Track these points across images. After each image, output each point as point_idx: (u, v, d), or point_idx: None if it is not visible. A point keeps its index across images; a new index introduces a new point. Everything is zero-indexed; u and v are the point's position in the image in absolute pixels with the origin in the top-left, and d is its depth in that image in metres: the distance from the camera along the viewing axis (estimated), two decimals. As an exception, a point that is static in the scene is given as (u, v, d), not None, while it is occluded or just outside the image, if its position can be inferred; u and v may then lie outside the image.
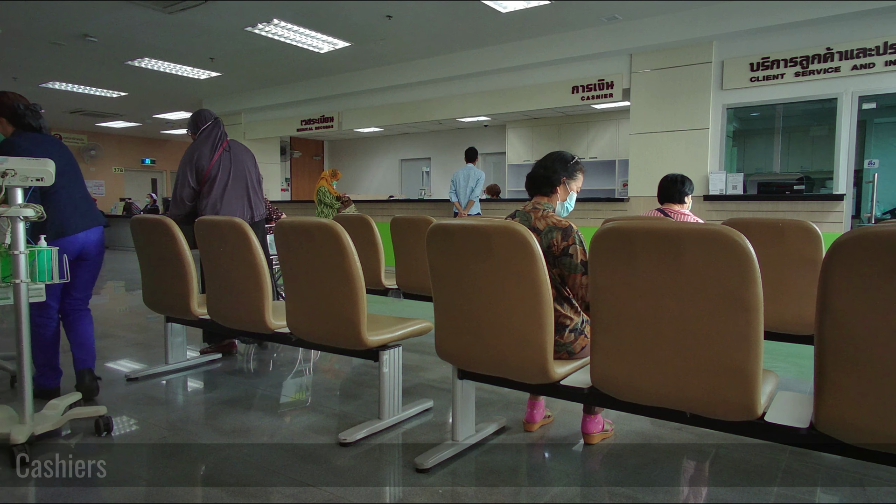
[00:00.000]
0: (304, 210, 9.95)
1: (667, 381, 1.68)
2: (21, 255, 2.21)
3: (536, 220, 2.17)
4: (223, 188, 3.68)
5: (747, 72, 5.76)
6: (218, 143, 3.72)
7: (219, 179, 3.67)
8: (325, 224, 2.36)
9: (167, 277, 3.13)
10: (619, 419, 2.61)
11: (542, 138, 10.83)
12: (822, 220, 5.35)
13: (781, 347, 3.02)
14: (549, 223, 2.14)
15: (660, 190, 3.28)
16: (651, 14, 6.06)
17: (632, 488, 2.00)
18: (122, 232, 12.82)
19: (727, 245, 1.51)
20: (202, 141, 3.68)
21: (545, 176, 2.27)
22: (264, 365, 3.71)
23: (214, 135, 3.73)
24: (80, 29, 6.61)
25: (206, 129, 3.71)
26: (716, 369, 1.59)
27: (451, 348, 2.19)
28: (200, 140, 3.68)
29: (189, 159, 3.62)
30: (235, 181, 3.72)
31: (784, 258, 2.65)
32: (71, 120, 12.78)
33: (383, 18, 6.24)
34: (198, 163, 3.62)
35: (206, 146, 3.68)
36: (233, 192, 3.72)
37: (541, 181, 2.28)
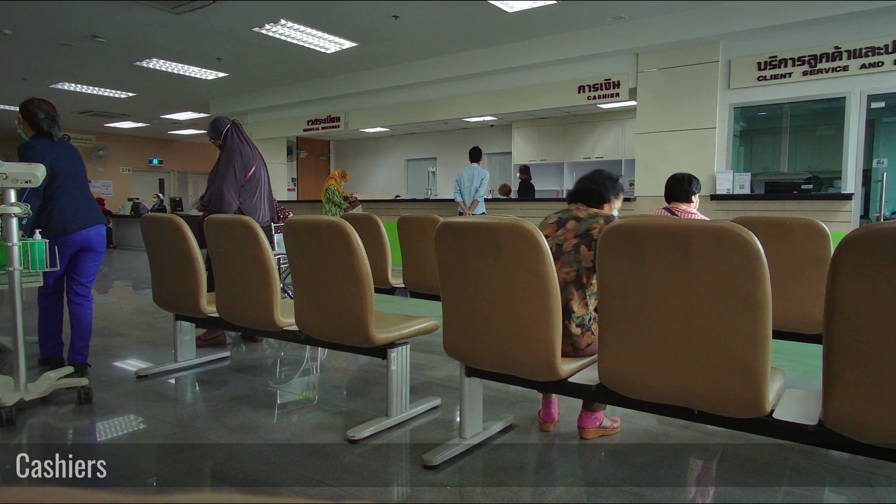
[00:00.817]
0: (310, 210, 9.98)
1: (675, 378, 1.69)
2: (14, 247, 2.57)
3: (578, 211, 2.29)
4: (261, 189, 3.80)
5: (754, 71, 5.74)
6: (253, 146, 3.85)
7: (260, 180, 3.80)
8: (333, 222, 2.37)
9: (177, 276, 3.16)
10: (625, 417, 2.61)
11: (547, 138, 10.82)
12: (830, 219, 5.32)
13: (788, 346, 3.01)
14: (591, 213, 2.26)
15: (667, 189, 3.28)
16: (657, 13, 6.05)
17: (639, 486, 2.01)
18: (130, 231, 12.92)
19: (736, 242, 1.51)
20: (239, 142, 3.77)
21: (598, 192, 2.36)
22: (272, 363, 3.74)
23: (246, 136, 3.85)
24: (89, 30, 6.66)
25: (231, 130, 3.80)
26: (724, 366, 1.59)
27: (458, 345, 2.20)
28: (235, 141, 3.77)
29: (237, 159, 3.69)
30: (264, 184, 3.89)
31: (791, 257, 2.64)
32: (80, 120, 12.87)
33: (390, 18, 6.26)
34: (245, 162, 3.70)
35: (246, 146, 3.79)
36: (267, 193, 3.90)
37: (589, 194, 2.36)
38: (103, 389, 3.09)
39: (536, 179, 11.32)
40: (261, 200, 3.85)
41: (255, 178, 3.79)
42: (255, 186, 3.80)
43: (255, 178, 3.79)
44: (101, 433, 2.52)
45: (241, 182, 3.72)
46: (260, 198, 3.84)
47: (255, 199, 3.77)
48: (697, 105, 6.07)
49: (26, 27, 6.55)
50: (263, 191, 3.88)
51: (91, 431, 2.54)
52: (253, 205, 3.77)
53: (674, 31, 6.06)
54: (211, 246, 2.99)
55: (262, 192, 3.86)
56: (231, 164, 3.69)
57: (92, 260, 3.23)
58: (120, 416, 2.73)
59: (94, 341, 4.18)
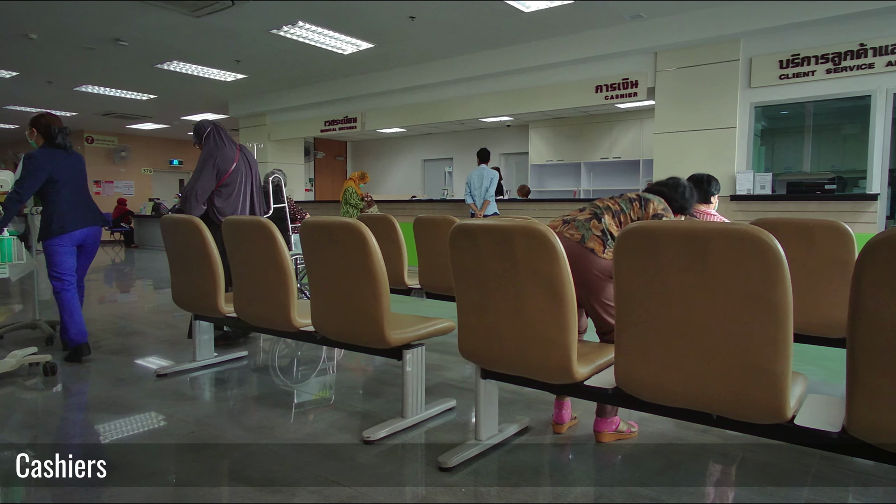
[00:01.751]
0: (327, 210, 10.04)
1: (692, 383, 1.66)
2: None
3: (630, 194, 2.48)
4: (241, 189, 3.89)
5: (776, 69, 5.64)
6: (235, 147, 3.93)
7: (238, 181, 3.88)
8: (349, 223, 2.38)
9: (195, 276, 3.20)
10: (642, 420, 2.58)
11: (564, 138, 10.76)
12: (855, 220, 5.21)
13: (809, 350, 2.96)
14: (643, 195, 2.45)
15: (685, 189, 3.24)
16: (676, 12, 5.97)
17: (654, 490, 1.98)
18: (152, 231, 13.12)
19: (755, 244, 1.48)
20: (219, 143, 3.87)
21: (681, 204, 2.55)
22: (289, 363, 3.77)
23: (228, 138, 3.95)
24: (112, 34, 6.78)
25: (211, 133, 3.91)
26: (743, 371, 1.56)
27: (473, 348, 2.20)
28: (216, 143, 3.87)
29: (211, 161, 3.79)
30: (246, 184, 3.96)
31: (814, 259, 2.59)
32: (102, 122, 13.11)
33: (406, 19, 6.27)
34: (221, 164, 3.79)
35: (227, 148, 3.88)
36: (251, 193, 3.97)
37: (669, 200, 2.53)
38: (124, 387, 3.14)
39: (553, 180, 11.27)
40: (240, 201, 3.97)
41: (235, 179, 3.91)
42: (234, 187, 3.91)
43: (235, 179, 3.91)
44: (122, 431, 2.56)
45: (217, 184, 3.84)
46: (239, 198, 3.96)
47: (233, 199, 3.90)
48: (717, 104, 5.98)
49: (51, 31, 6.69)
50: (246, 191, 4.00)
51: (113, 430, 2.58)
52: (231, 204, 3.89)
53: (693, 29, 5.98)
54: (229, 246, 3.03)
55: (242, 192, 3.98)
56: (205, 167, 3.81)
57: (87, 256, 3.79)
58: (141, 413, 2.77)
59: (115, 340, 4.27)
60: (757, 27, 5.65)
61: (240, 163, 3.92)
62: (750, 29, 5.69)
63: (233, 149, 3.93)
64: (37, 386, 3.15)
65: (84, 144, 14.35)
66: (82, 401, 2.98)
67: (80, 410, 2.87)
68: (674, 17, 6.05)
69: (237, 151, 3.95)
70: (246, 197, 3.98)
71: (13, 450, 2.32)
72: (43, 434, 2.55)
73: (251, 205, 4.04)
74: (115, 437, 2.48)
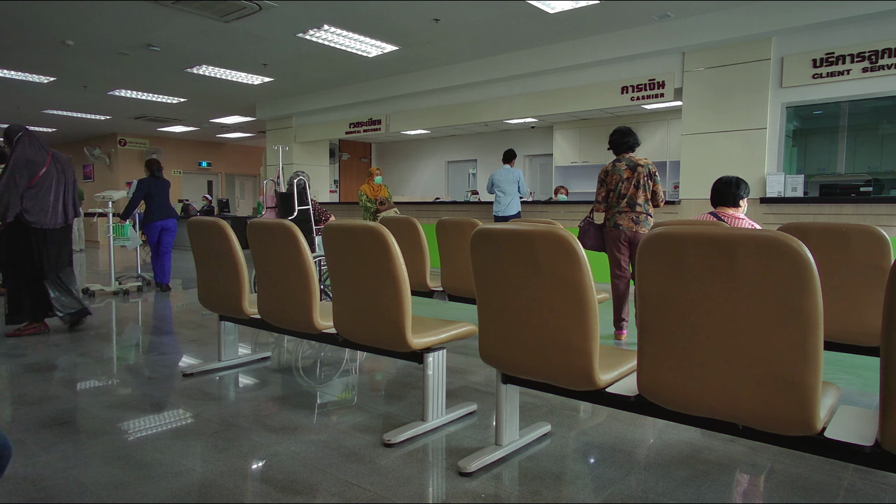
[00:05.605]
0: (351, 212, 10.13)
1: (717, 392, 1.62)
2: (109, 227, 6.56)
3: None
4: (52, 190, 4.27)
5: (809, 68, 5.50)
6: (46, 152, 4.32)
7: (50, 183, 4.27)
8: (370, 227, 2.39)
9: (221, 277, 3.25)
10: (667, 428, 2.54)
11: (589, 139, 10.66)
12: (892, 223, 5.04)
13: (845, 359, 2.87)
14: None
15: (713, 193, 3.18)
16: (706, 11, 5.87)
17: (679, 500, 1.94)
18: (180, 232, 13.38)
19: (783, 252, 1.44)
20: (31, 147, 4.22)
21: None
22: (312, 364, 3.80)
23: (40, 143, 4.31)
24: (145, 39, 6.96)
25: (23, 137, 4.22)
26: (770, 381, 1.52)
27: (494, 353, 2.18)
28: (27, 147, 4.20)
29: (23, 163, 4.13)
30: (59, 186, 4.34)
31: (848, 265, 2.51)
32: (135, 125, 13.45)
33: (430, 21, 6.29)
34: (32, 167, 4.16)
35: (34, 152, 4.24)
36: (63, 194, 4.37)
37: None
38: (153, 386, 3.21)
39: (577, 182, 11.16)
40: (50, 201, 4.27)
41: (44, 182, 4.23)
42: (43, 190, 4.23)
43: (44, 182, 4.23)
44: (151, 429, 2.61)
45: (26, 185, 4.15)
46: (49, 199, 4.26)
47: (43, 201, 4.23)
48: (747, 105, 5.85)
49: (87, 38, 6.90)
50: (59, 192, 4.33)
51: (143, 427, 2.63)
52: (40, 205, 4.22)
53: (723, 28, 5.86)
54: (253, 249, 3.07)
55: (53, 193, 4.29)
56: (13, 171, 4.12)
57: (169, 235, 6.80)
58: (168, 411, 2.83)
59: (145, 338, 4.36)
60: (790, 25, 5.51)
61: (52, 166, 4.30)
62: (782, 27, 5.56)
63: (44, 153, 4.29)
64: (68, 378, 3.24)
65: (117, 147, 14.74)
66: (112, 399, 3.05)
67: (109, 409, 2.93)
68: (703, 16, 5.95)
69: (48, 157, 4.31)
70: (58, 199, 4.33)
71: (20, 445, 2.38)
72: (72, 431, 2.61)
73: (63, 207, 4.38)
74: (142, 434, 2.54)
